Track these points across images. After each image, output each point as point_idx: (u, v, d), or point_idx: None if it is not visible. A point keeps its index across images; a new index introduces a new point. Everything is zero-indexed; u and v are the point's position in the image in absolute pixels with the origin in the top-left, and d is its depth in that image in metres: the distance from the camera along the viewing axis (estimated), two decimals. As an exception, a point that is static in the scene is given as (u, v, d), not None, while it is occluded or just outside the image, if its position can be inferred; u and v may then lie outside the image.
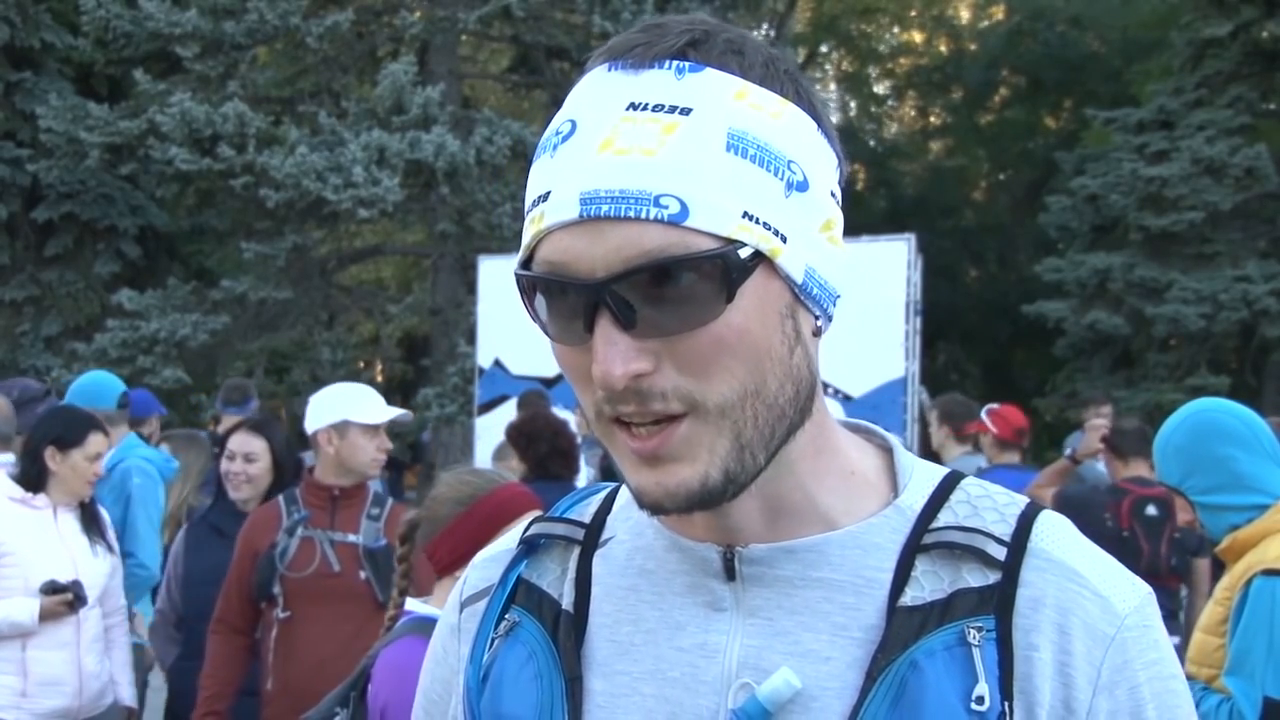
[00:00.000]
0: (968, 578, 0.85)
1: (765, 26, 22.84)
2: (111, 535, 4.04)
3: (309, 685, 3.46)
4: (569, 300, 0.79)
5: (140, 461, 4.87)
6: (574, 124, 0.80)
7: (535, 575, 0.97)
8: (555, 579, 0.96)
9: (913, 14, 26.97)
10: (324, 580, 3.55)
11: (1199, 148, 14.51)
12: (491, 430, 9.34)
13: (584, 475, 6.67)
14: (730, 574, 0.88)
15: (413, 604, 2.35)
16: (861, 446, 0.94)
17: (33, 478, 3.79)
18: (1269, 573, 2.55)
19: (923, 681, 0.81)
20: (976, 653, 0.82)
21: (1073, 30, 22.42)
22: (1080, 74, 21.59)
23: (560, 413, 7.69)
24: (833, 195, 0.85)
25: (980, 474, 5.19)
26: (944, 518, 0.88)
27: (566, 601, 0.93)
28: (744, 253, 0.77)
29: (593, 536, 0.97)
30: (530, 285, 0.82)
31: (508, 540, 1.03)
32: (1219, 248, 14.74)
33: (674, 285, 0.76)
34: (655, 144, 0.77)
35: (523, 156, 13.97)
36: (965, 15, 27.05)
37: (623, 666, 0.90)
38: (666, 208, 0.76)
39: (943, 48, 26.78)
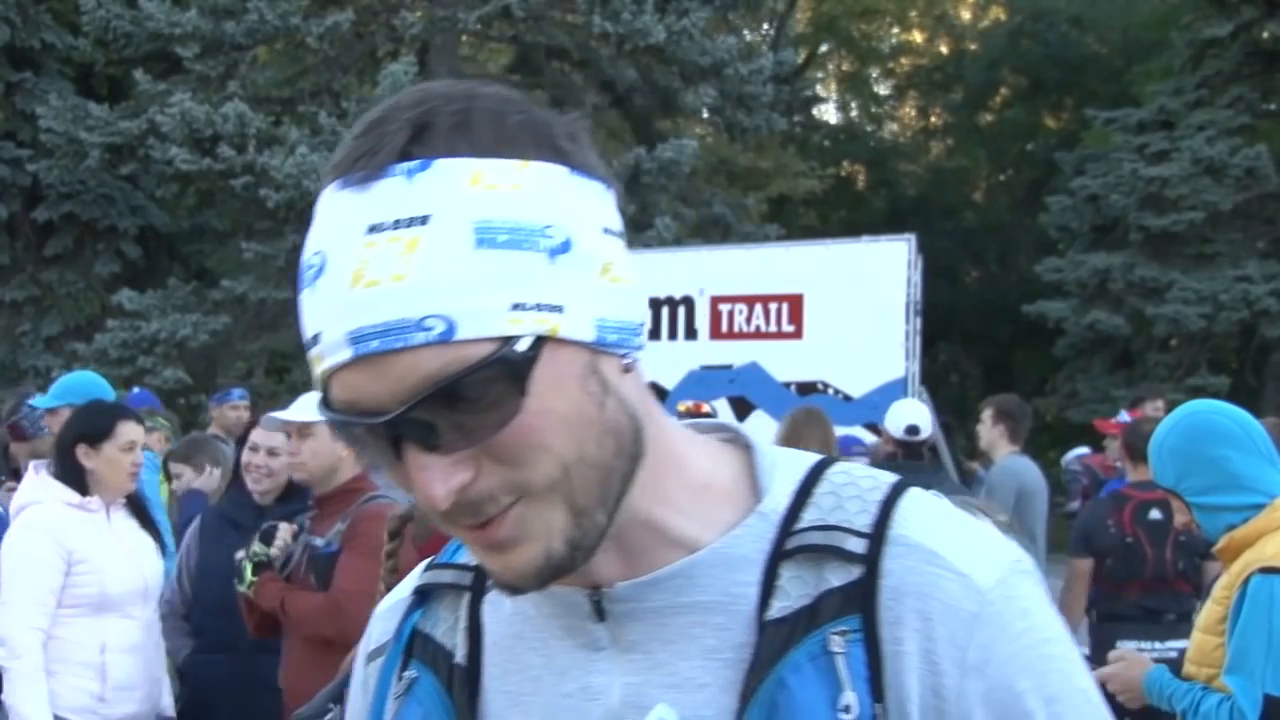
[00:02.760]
0: (830, 578, 0.83)
1: (765, 27, 22.85)
2: (163, 530, 4.03)
3: (286, 682, 3.61)
4: (374, 433, 0.78)
5: None
6: (323, 257, 0.78)
7: (430, 625, 0.96)
8: (448, 629, 0.95)
9: (913, 14, 26.99)
10: (295, 585, 3.62)
11: (1199, 148, 14.51)
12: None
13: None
14: (601, 615, 0.87)
15: None
16: (715, 452, 0.92)
17: (72, 480, 3.67)
18: (1266, 570, 2.56)
19: (792, 700, 0.80)
20: (840, 660, 0.80)
21: (1073, 31, 22.43)
22: (1081, 74, 21.60)
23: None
24: (606, 231, 0.82)
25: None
26: (808, 516, 0.86)
27: (460, 654, 0.93)
28: (521, 345, 0.75)
29: (481, 581, 0.95)
30: (334, 428, 0.81)
31: (405, 587, 1.02)
32: (1219, 248, 14.75)
33: (465, 399, 0.75)
34: (402, 267, 0.75)
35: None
36: (966, 15, 27.06)
37: (515, 718, 0.90)
38: (432, 329, 0.74)
39: (943, 48, 26.81)
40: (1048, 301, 15.63)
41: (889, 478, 0.88)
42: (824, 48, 26.81)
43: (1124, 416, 6.08)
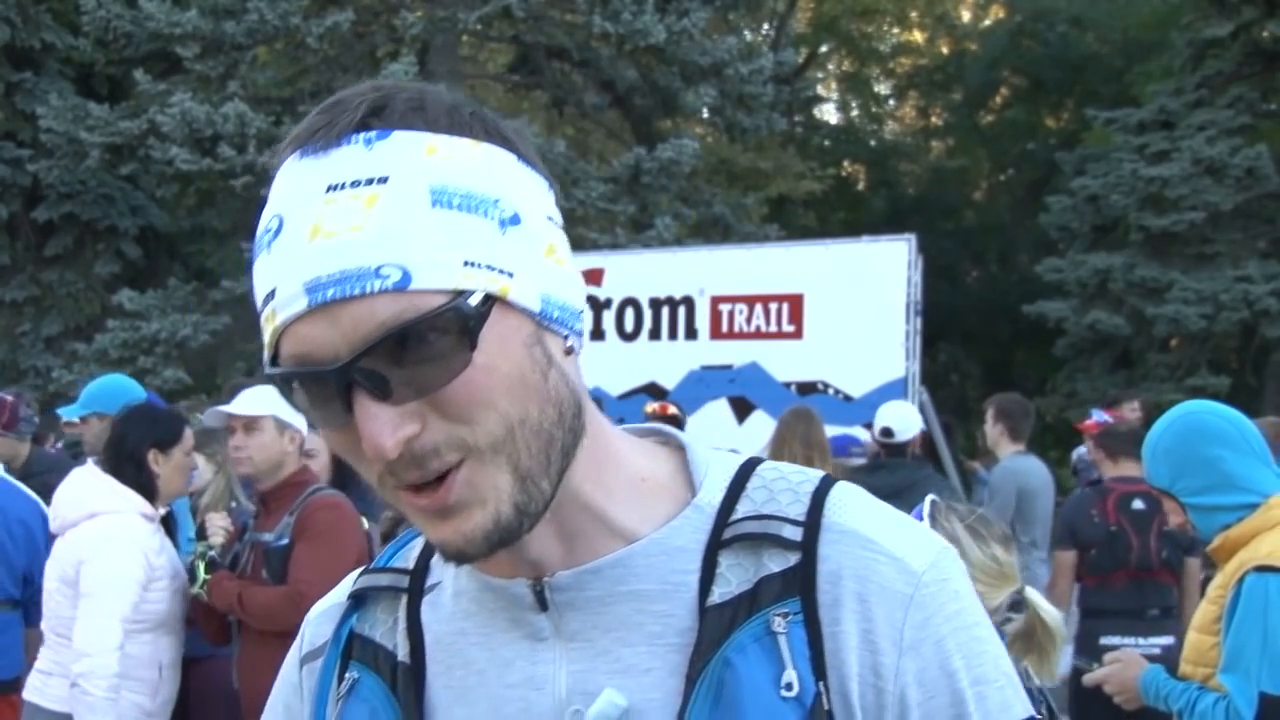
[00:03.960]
0: (769, 564, 0.86)
1: (765, 27, 22.84)
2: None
3: (242, 682, 3.61)
4: (322, 387, 0.79)
5: None
6: (280, 219, 0.81)
7: (367, 628, 0.98)
8: (387, 630, 0.97)
9: (913, 14, 26.98)
10: (249, 580, 3.63)
11: (1199, 148, 14.50)
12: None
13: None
14: (543, 605, 0.89)
15: None
16: (651, 451, 0.95)
17: (144, 486, 3.63)
18: (1261, 569, 2.57)
19: (737, 677, 0.83)
20: (782, 640, 0.84)
21: (1073, 31, 22.42)
22: (1081, 74, 21.60)
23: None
24: (550, 219, 0.87)
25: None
26: (742, 508, 0.89)
27: (401, 653, 0.94)
28: (474, 300, 0.79)
29: (418, 583, 0.98)
30: (283, 382, 0.82)
31: (338, 594, 1.03)
32: (1219, 248, 14.74)
33: (416, 348, 0.77)
34: (361, 219, 0.78)
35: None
36: (966, 15, 27.05)
37: (461, 712, 0.91)
38: (388, 277, 0.77)
39: (943, 48, 26.79)
40: (1048, 301, 15.62)
41: (817, 472, 0.93)
42: (824, 48, 26.80)
43: (1099, 416, 6.07)
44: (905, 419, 5.83)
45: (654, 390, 8.45)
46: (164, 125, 13.13)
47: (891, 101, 28.28)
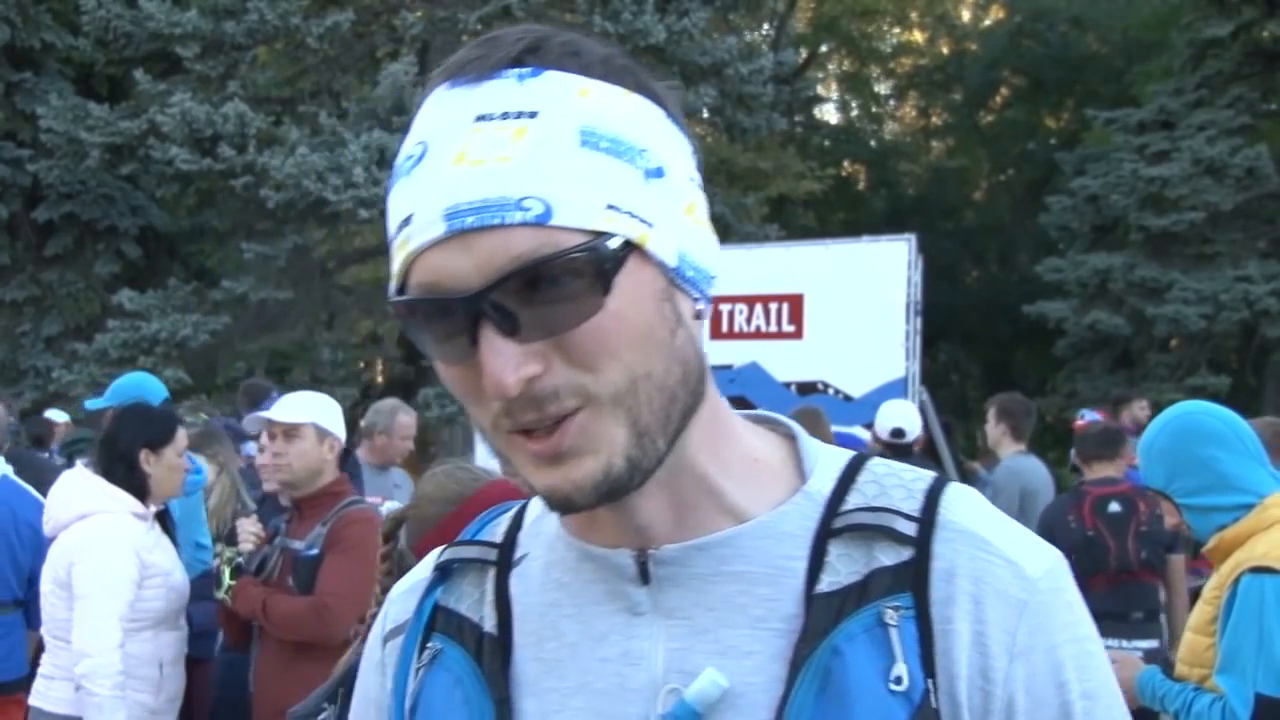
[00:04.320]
0: (881, 557, 0.85)
1: (765, 27, 22.83)
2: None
3: (258, 687, 3.59)
4: (449, 319, 0.78)
5: None
6: (425, 145, 0.80)
7: (452, 601, 0.97)
8: (474, 603, 0.95)
9: (913, 14, 26.97)
10: (272, 590, 3.61)
11: (1200, 148, 14.51)
12: (491, 430, 9.34)
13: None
14: (645, 578, 0.87)
15: None
16: (764, 436, 0.94)
17: (134, 485, 3.62)
18: (1257, 570, 2.57)
19: (845, 666, 0.81)
20: (894, 632, 0.82)
21: (1073, 31, 22.42)
22: (1081, 74, 21.60)
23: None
24: (691, 180, 0.86)
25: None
26: (853, 500, 0.88)
27: (489, 624, 0.93)
28: (613, 243, 0.77)
29: (506, 556, 0.96)
30: (408, 312, 0.81)
31: (422, 569, 1.02)
32: (1219, 248, 14.74)
33: (550, 285, 0.76)
34: (509, 150, 0.77)
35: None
36: (966, 15, 27.05)
37: (551, 684, 0.89)
38: (530, 210, 0.76)
39: (944, 48, 26.79)
40: (1048, 301, 15.62)
41: (928, 472, 0.91)
42: (824, 48, 26.79)
43: (1088, 415, 6.07)
44: (912, 418, 5.82)
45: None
46: (164, 125, 13.13)
47: (891, 101, 28.28)
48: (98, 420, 5.54)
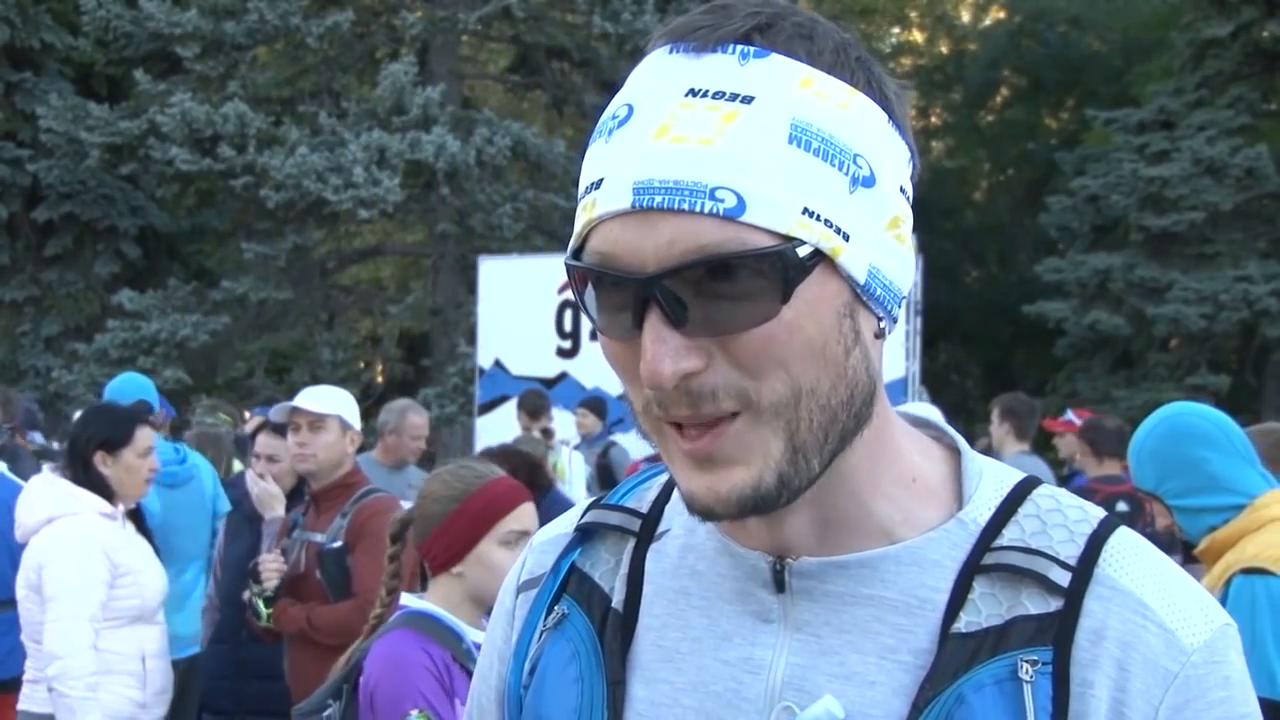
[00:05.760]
0: (1027, 603, 0.80)
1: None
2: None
3: (293, 677, 3.62)
4: (618, 293, 0.76)
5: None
6: (631, 108, 0.77)
7: (589, 564, 0.94)
8: (608, 570, 0.93)
9: (913, 14, 26.98)
10: (295, 581, 3.62)
11: (1199, 148, 14.51)
12: (491, 430, 9.33)
13: (581, 476, 6.67)
14: (780, 586, 0.84)
15: (407, 599, 2.35)
16: (926, 449, 0.89)
17: (96, 486, 3.61)
18: (1248, 571, 2.56)
19: (969, 717, 0.77)
20: (1028, 689, 0.77)
21: (1073, 31, 22.43)
22: (1081, 74, 21.60)
23: (560, 414, 7.70)
24: (902, 191, 0.81)
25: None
26: (1010, 534, 0.83)
27: (617, 598, 0.91)
28: (803, 251, 0.74)
29: (649, 528, 0.93)
30: (580, 275, 0.78)
31: (565, 522, 1.00)
32: (1219, 248, 14.75)
33: (728, 282, 0.73)
34: (714, 133, 0.73)
35: (523, 157, 13.98)
36: (966, 15, 27.06)
37: (667, 674, 0.87)
38: (723, 201, 0.72)
39: (943, 48, 26.80)
40: (1048, 301, 15.63)
41: (1097, 511, 0.85)
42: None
43: (1071, 416, 6.08)
44: (934, 418, 5.85)
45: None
46: (164, 125, 13.13)
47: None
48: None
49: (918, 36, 27.62)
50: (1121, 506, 4.86)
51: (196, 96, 13.49)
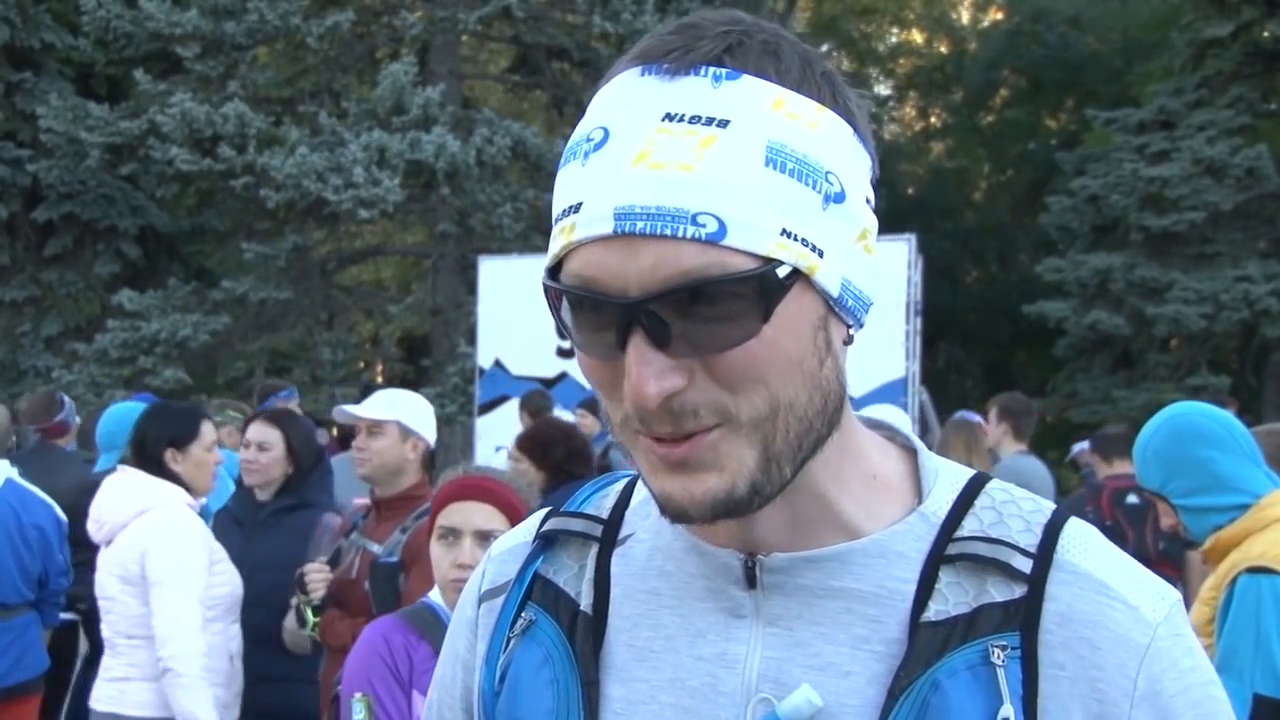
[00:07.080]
0: (992, 591, 0.83)
1: (766, 27, 22.82)
2: None
3: (324, 685, 3.55)
4: (599, 315, 0.77)
5: None
6: (606, 132, 0.78)
7: (552, 571, 0.95)
8: (572, 576, 0.94)
9: (913, 14, 26.98)
10: (344, 586, 3.56)
11: (1200, 148, 14.51)
12: (491, 430, 9.35)
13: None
14: (751, 582, 0.86)
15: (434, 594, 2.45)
16: (884, 448, 0.92)
17: (172, 482, 3.64)
18: (1253, 570, 2.57)
19: (945, 702, 0.80)
20: (1000, 673, 0.80)
21: (1073, 31, 22.42)
22: (1081, 74, 21.59)
23: (559, 414, 7.70)
24: (867, 201, 0.84)
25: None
26: (969, 525, 0.86)
27: (585, 602, 0.92)
28: (782, 271, 0.76)
29: (611, 533, 0.95)
30: (557, 295, 0.80)
31: (524, 531, 1.01)
32: (1220, 248, 14.74)
33: (711, 304, 0.75)
34: (693, 158, 0.75)
35: (523, 157, 13.97)
36: (965, 16, 27.06)
37: (641, 673, 0.88)
38: (704, 226, 0.74)
39: (943, 48, 26.80)
40: (1048, 301, 15.62)
41: (1048, 503, 0.89)
42: (824, 47, 26.80)
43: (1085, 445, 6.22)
44: (899, 422, 5.89)
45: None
46: (164, 125, 13.13)
47: (891, 102, 28.28)
48: (91, 424, 5.57)
49: (917, 37, 27.62)
50: (1132, 499, 4.90)
51: (196, 96, 13.49)
